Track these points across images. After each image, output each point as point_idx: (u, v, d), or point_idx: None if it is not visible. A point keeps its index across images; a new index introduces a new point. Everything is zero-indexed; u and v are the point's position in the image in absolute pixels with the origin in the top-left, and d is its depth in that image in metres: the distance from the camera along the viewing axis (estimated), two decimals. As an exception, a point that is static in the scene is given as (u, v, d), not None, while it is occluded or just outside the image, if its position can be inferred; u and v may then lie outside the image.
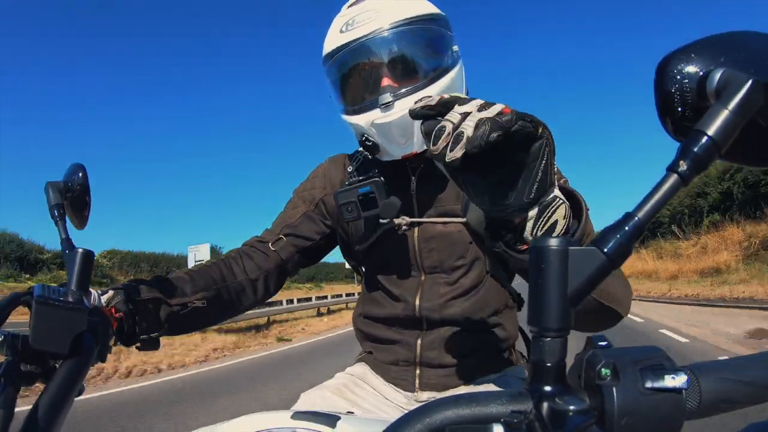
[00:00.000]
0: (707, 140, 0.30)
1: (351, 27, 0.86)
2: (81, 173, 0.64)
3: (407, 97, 0.83)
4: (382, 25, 0.84)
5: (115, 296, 0.72)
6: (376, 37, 0.84)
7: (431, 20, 0.88)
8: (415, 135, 0.85)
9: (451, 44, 0.91)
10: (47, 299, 0.47)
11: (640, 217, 0.29)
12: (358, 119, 0.87)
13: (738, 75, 0.32)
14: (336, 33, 0.88)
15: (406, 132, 0.85)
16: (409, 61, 0.86)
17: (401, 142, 0.86)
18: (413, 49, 0.87)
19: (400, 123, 0.83)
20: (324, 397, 0.92)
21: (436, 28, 0.89)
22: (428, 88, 0.84)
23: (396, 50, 0.86)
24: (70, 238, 0.59)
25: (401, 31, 0.85)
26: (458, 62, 0.91)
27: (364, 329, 1.05)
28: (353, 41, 0.86)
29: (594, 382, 0.28)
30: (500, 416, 0.28)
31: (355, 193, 0.86)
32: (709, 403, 0.31)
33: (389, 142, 0.87)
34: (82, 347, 0.49)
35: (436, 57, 0.88)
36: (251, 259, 0.98)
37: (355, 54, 0.87)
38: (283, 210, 1.06)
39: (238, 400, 4.79)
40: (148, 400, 4.99)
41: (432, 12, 0.89)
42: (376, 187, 0.85)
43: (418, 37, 0.87)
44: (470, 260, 0.93)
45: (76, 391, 0.48)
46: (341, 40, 0.87)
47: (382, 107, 0.83)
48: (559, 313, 0.28)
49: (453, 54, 0.91)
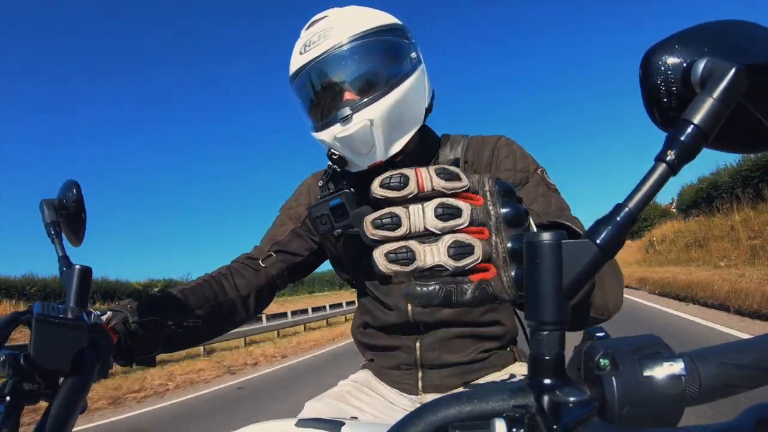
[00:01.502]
0: (694, 129, 0.30)
1: (308, 48, 0.89)
2: (75, 190, 0.64)
3: (365, 108, 0.85)
4: (337, 42, 0.87)
5: (113, 318, 0.74)
6: (331, 55, 0.87)
7: (384, 31, 0.90)
8: (377, 145, 0.87)
9: (408, 51, 0.93)
10: (47, 317, 0.47)
11: (630, 208, 0.30)
12: (322, 135, 0.89)
13: (722, 64, 0.32)
14: (296, 55, 0.91)
15: (367, 143, 0.86)
16: (365, 74, 0.88)
17: (364, 153, 0.88)
18: (367, 61, 0.89)
19: (360, 135, 0.85)
20: (328, 405, 0.92)
21: (389, 38, 0.91)
22: (386, 96, 0.86)
23: (351, 64, 0.88)
24: (67, 255, 0.59)
25: (354, 46, 0.87)
26: (418, 68, 0.92)
27: (363, 340, 1.06)
28: (311, 61, 0.88)
29: (593, 373, 0.28)
30: (502, 411, 0.28)
31: (326, 206, 0.90)
32: (709, 389, 0.31)
33: (354, 154, 0.88)
34: (84, 364, 0.49)
35: (391, 66, 0.90)
36: (242, 276, 1.00)
37: (315, 73, 0.89)
38: (271, 227, 1.09)
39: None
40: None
41: (385, 23, 0.91)
42: (346, 198, 0.89)
43: (372, 50, 0.89)
44: None
45: (80, 408, 0.48)
46: (301, 61, 0.90)
47: (342, 121, 0.85)
48: (555, 307, 0.28)
49: (411, 61, 0.92)
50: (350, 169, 0.94)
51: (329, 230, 0.91)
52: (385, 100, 0.86)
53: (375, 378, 1.02)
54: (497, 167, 0.93)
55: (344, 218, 0.89)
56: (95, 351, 0.51)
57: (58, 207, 0.63)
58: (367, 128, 0.85)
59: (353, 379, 1.03)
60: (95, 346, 0.52)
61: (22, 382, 0.46)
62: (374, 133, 0.85)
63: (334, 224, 0.90)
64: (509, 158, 0.92)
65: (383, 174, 0.36)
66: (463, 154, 0.95)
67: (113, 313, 0.74)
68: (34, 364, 0.46)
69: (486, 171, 0.93)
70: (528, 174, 0.90)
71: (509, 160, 0.92)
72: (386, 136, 0.87)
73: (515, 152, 0.94)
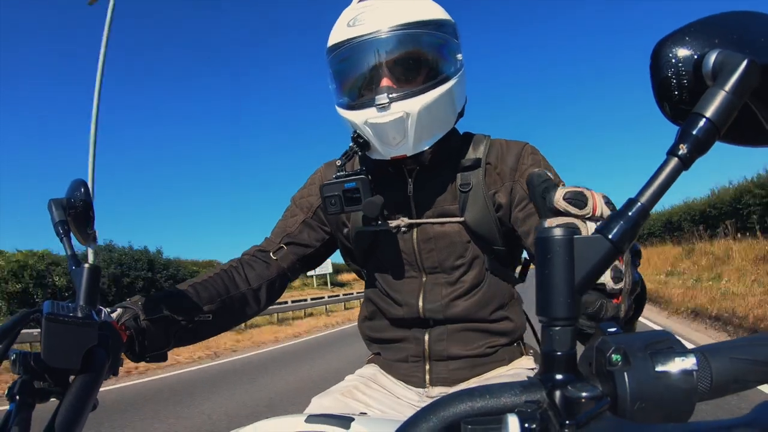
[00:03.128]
0: (706, 122, 0.30)
1: (358, 22, 0.86)
2: (83, 189, 0.64)
3: (404, 100, 0.83)
4: (389, 25, 0.84)
5: (123, 314, 0.73)
6: (381, 37, 0.84)
7: (438, 25, 0.88)
8: (408, 138, 0.85)
9: (455, 52, 0.91)
10: (57, 316, 0.47)
11: (643, 203, 0.29)
12: (353, 115, 0.87)
13: (733, 56, 0.32)
14: (343, 26, 0.88)
15: (398, 135, 0.85)
16: (411, 64, 0.86)
17: (393, 144, 0.86)
18: (416, 52, 0.86)
19: (395, 125, 0.83)
20: (335, 400, 0.93)
21: (441, 34, 0.88)
22: (426, 94, 0.84)
23: (399, 52, 0.85)
24: (76, 254, 0.60)
25: (407, 34, 0.85)
26: (460, 71, 0.91)
27: (370, 333, 1.06)
28: (358, 37, 0.86)
29: (605, 368, 0.28)
30: (514, 407, 0.28)
31: (340, 187, 0.86)
32: (721, 384, 0.31)
33: (381, 142, 0.87)
34: (94, 362, 0.49)
35: (438, 63, 0.88)
36: (253, 269, 0.99)
37: (359, 50, 0.87)
38: (282, 218, 1.07)
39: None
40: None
41: (440, 17, 0.89)
42: (362, 183, 0.86)
43: (423, 42, 0.87)
44: (470, 259, 0.94)
45: (90, 405, 0.49)
46: (347, 33, 0.87)
47: (378, 107, 0.83)
48: (567, 303, 0.28)
49: (456, 62, 0.91)
50: (371, 155, 0.92)
51: (338, 212, 0.88)
52: (425, 96, 0.84)
53: (382, 372, 1.02)
54: (522, 174, 0.92)
55: (355, 203, 0.86)
56: (105, 349, 0.52)
57: (66, 206, 0.63)
58: (403, 120, 0.83)
59: (359, 374, 1.03)
60: (105, 344, 0.52)
61: (32, 381, 0.47)
62: (407, 127, 0.84)
63: (344, 207, 0.87)
64: (534, 167, 0.92)
65: (566, 188, 0.42)
66: (485, 156, 0.94)
67: (124, 309, 0.74)
68: (44, 363, 0.46)
69: (510, 176, 0.92)
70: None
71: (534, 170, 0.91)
72: (418, 133, 0.85)
73: (540, 162, 0.93)
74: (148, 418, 4.35)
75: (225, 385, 5.70)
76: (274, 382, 5.67)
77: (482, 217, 0.92)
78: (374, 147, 0.89)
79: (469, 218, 0.92)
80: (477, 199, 0.93)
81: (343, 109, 0.90)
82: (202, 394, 5.20)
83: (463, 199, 0.93)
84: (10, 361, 0.48)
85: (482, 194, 0.92)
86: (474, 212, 0.93)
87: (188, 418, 4.29)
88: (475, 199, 0.93)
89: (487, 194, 0.92)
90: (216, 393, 5.24)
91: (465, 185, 0.93)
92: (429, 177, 0.95)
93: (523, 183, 0.91)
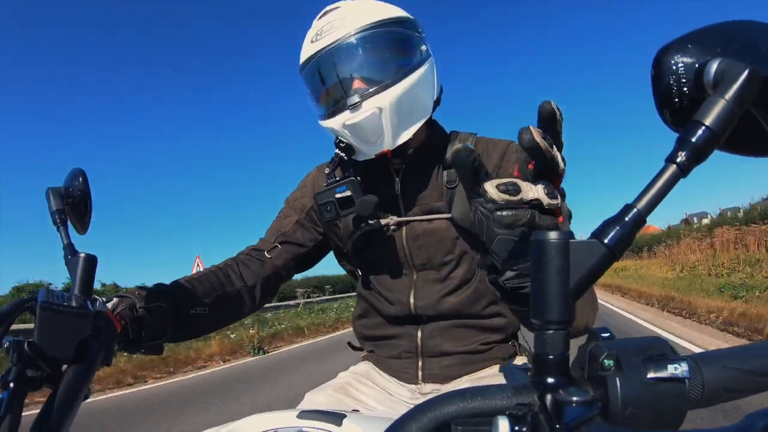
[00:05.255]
0: (705, 131, 0.30)
1: (320, 36, 0.90)
2: (81, 178, 0.64)
3: (374, 96, 0.86)
4: (348, 31, 0.88)
5: (119, 304, 0.73)
6: (343, 43, 0.88)
7: (395, 23, 0.91)
8: (385, 133, 0.88)
9: (418, 44, 0.94)
10: (51, 305, 0.47)
11: (639, 209, 0.29)
12: (330, 122, 0.90)
13: (735, 64, 0.32)
14: (308, 44, 0.92)
15: (376, 131, 0.87)
16: (375, 63, 0.89)
17: (372, 141, 0.89)
18: (378, 51, 0.90)
19: (369, 122, 0.86)
20: (329, 396, 0.93)
21: (400, 30, 0.92)
22: (394, 87, 0.87)
23: (362, 53, 0.89)
24: (72, 243, 0.59)
25: (366, 35, 0.88)
26: (427, 60, 0.93)
27: (364, 331, 1.07)
28: (322, 49, 0.89)
29: (597, 373, 0.28)
30: (505, 409, 0.28)
31: (332, 194, 0.90)
32: (713, 392, 0.31)
33: (362, 142, 0.90)
34: (87, 352, 0.49)
35: (402, 57, 0.91)
36: (248, 267, 1.01)
37: (325, 61, 0.90)
38: (276, 219, 1.09)
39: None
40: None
41: (396, 15, 0.92)
42: (352, 186, 0.89)
43: (383, 40, 0.90)
44: (458, 254, 0.95)
45: (82, 396, 0.49)
46: (312, 49, 0.91)
47: (351, 108, 0.86)
48: (561, 306, 0.28)
49: (421, 53, 0.93)
50: (357, 158, 0.94)
51: (334, 218, 0.91)
52: (394, 89, 0.86)
53: (375, 369, 1.03)
54: (506, 171, 0.93)
55: (350, 206, 0.89)
56: (99, 339, 0.52)
57: (64, 195, 0.63)
58: (376, 116, 0.86)
59: (353, 370, 1.04)
60: (99, 335, 0.52)
61: (25, 369, 0.47)
62: (383, 122, 0.86)
63: (339, 212, 0.90)
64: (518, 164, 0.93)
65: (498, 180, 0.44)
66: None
67: (120, 299, 0.74)
68: (38, 351, 0.46)
69: (494, 173, 0.93)
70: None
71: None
72: (395, 125, 0.88)
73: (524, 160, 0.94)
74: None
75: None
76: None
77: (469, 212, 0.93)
78: (357, 149, 0.92)
79: (456, 214, 0.93)
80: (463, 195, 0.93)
81: (322, 120, 0.93)
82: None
83: (450, 196, 0.94)
84: (3, 349, 0.48)
85: None
86: (461, 208, 0.93)
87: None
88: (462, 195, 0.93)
89: None
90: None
91: (451, 182, 0.95)
92: (415, 175, 0.97)
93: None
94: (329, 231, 1.06)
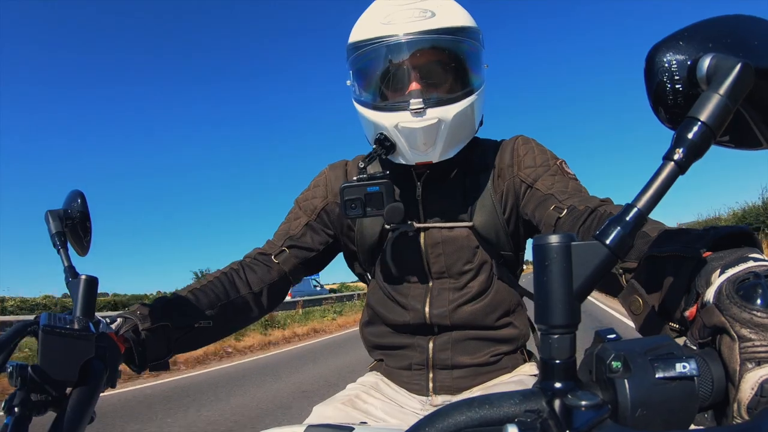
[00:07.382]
0: (701, 126, 0.30)
1: (393, 21, 0.83)
2: (80, 200, 0.64)
3: (440, 107, 0.82)
4: (426, 28, 0.82)
5: (123, 325, 0.72)
6: (418, 39, 0.82)
7: (472, 33, 0.87)
8: (437, 145, 0.84)
9: (483, 61, 0.90)
10: (54, 328, 0.47)
11: (640, 208, 0.29)
12: (381, 117, 0.85)
13: (727, 59, 0.32)
14: (375, 22, 0.85)
15: (429, 141, 0.84)
16: (444, 70, 0.85)
17: (422, 150, 0.85)
18: (451, 59, 0.85)
19: (428, 130, 0.82)
20: (337, 409, 0.91)
21: (473, 42, 0.87)
22: (461, 102, 0.84)
23: (434, 56, 0.84)
24: (73, 265, 0.59)
25: (444, 39, 0.83)
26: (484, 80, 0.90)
27: (373, 338, 1.04)
28: (393, 36, 0.83)
29: (605, 375, 0.28)
30: (514, 416, 0.28)
31: (362, 190, 0.83)
32: (722, 390, 0.30)
33: (410, 147, 0.85)
34: (91, 374, 0.49)
35: (470, 71, 0.87)
36: (254, 272, 0.97)
37: (394, 50, 0.84)
38: (285, 220, 1.05)
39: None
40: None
41: (473, 25, 0.88)
42: (386, 188, 0.82)
43: (459, 49, 0.85)
44: (478, 264, 0.93)
45: (88, 418, 0.48)
46: (380, 31, 0.83)
47: (413, 112, 0.81)
48: (565, 310, 0.28)
49: (483, 71, 0.90)
50: (395, 160, 0.90)
51: (358, 215, 0.85)
52: (461, 104, 0.83)
53: (384, 380, 1.01)
54: (518, 166, 0.92)
55: (377, 208, 0.83)
56: (103, 361, 0.51)
57: (64, 217, 0.63)
58: (436, 127, 0.82)
59: (361, 382, 1.02)
60: (103, 356, 0.52)
61: (30, 393, 0.46)
62: (439, 134, 0.83)
63: (365, 211, 0.84)
64: (528, 155, 0.92)
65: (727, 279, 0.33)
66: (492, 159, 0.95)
67: (123, 320, 0.73)
68: (42, 375, 0.46)
69: (509, 172, 0.92)
70: (548, 167, 0.89)
71: (529, 158, 0.92)
72: (448, 140, 0.85)
73: (534, 149, 0.93)
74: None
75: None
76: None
77: (490, 221, 0.92)
78: (400, 151, 0.87)
79: (477, 223, 0.92)
80: (485, 203, 0.92)
81: (368, 108, 0.88)
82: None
83: (472, 204, 0.92)
84: (7, 373, 0.47)
85: (490, 199, 0.92)
86: (482, 217, 0.92)
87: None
88: (484, 203, 0.92)
89: (494, 198, 0.92)
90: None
91: (473, 189, 0.93)
92: (438, 181, 0.94)
93: (522, 175, 0.91)
94: (341, 233, 1.02)
